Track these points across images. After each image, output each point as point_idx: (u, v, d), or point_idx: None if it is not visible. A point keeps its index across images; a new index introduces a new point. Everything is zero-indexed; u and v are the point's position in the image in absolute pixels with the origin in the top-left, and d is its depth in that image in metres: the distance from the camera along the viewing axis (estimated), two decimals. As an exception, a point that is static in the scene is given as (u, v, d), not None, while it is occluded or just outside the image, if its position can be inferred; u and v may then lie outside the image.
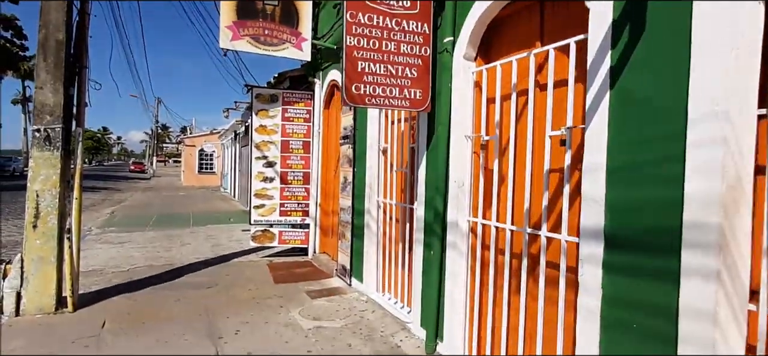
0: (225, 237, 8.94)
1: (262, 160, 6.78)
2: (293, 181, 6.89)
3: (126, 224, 10.54)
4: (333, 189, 6.44)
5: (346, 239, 5.50)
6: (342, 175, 5.69)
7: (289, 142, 6.86)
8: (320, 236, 6.85)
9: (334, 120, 6.57)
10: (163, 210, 14.05)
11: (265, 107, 6.77)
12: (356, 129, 5.31)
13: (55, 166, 4.34)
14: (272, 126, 6.79)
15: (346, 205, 5.51)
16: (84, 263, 6.37)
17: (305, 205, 6.92)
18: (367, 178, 4.98)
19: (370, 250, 4.90)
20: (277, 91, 6.86)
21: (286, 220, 6.87)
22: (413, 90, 3.46)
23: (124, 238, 8.56)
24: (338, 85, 6.10)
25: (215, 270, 6.16)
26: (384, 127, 4.81)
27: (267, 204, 6.78)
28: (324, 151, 6.81)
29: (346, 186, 5.55)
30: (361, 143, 5.19)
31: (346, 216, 5.50)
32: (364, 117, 5.08)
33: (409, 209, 4.20)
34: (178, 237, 8.86)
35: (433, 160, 3.60)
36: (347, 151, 5.52)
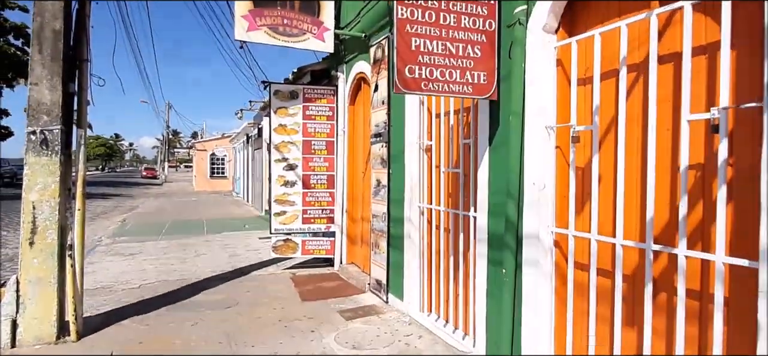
0: (242, 246, 8.39)
1: (283, 163, 6.20)
2: (316, 185, 6.29)
3: (138, 233, 10.07)
4: (361, 193, 5.83)
5: (380, 250, 4.89)
6: (374, 178, 5.09)
7: (312, 143, 6.28)
8: (347, 245, 6.25)
9: (361, 117, 5.96)
10: (176, 216, 13.60)
11: (284, 105, 6.20)
12: (391, 125, 4.70)
13: (54, 173, 3.79)
14: (292, 125, 6.21)
15: (380, 212, 4.90)
16: (92, 279, 5.86)
17: (330, 212, 6.32)
18: (406, 180, 4.36)
19: (412, 263, 4.28)
20: (297, 86, 6.28)
21: (309, 228, 6.28)
22: (476, 73, 2.83)
23: (135, 249, 8.06)
24: (366, 77, 5.49)
25: (234, 285, 5.59)
26: (427, 121, 4.19)
27: (288, 211, 6.19)
28: (350, 151, 6.21)
29: (379, 191, 4.94)
30: (397, 141, 4.58)
31: (380, 224, 4.89)
32: (400, 110, 4.47)
33: (463, 217, 3.57)
34: (192, 246, 8.33)
35: (500, 158, 2.97)
36: (380, 150, 4.90)
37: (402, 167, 4.45)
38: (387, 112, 4.74)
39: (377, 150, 4.99)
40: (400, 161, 4.48)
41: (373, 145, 5.08)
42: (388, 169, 4.73)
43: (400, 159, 4.48)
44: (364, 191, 5.72)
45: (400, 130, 4.48)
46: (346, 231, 6.24)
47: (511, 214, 2.75)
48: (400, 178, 4.48)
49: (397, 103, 4.56)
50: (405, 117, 4.38)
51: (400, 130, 4.47)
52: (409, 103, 4.32)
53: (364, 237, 5.76)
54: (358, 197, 5.97)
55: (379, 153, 4.93)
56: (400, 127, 4.47)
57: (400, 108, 4.48)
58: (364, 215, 5.71)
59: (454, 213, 3.72)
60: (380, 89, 4.89)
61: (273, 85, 6.19)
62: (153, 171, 52.86)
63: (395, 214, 4.61)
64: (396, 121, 4.60)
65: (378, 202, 4.96)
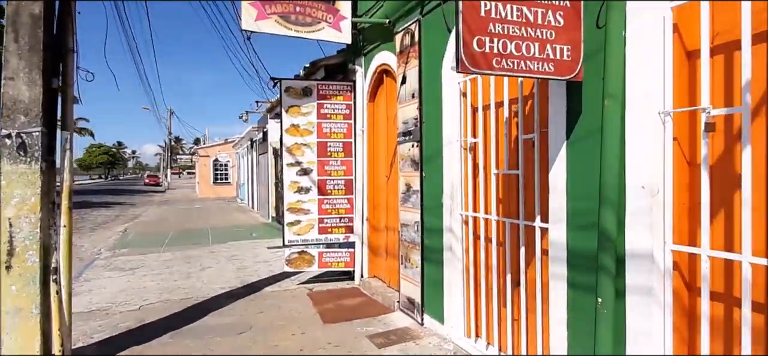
0: (250, 257, 7.79)
1: (296, 167, 5.60)
2: (333, 191, 5.69)
3: (139, 244, 9.49)
4: (385, 199, 5.23)
5: (412, 264, 4.28)
6: (402, 182, 4.48)
7: (327, 144, 5.68)
8: (369, 257, 5.64)
9: (382, 114, 5.36)
10: (180, 225, 13.02)
11: (296, 103, 5.61)
12: (423, 121, 4.09)
13: (34, 183, 3.20)
14: (306, 125, 5.62)
15: (411, 221, 4.29)
16: (87, 300, 5.27)
17: (349, 220, 5.72)
18: (445, 185, 3.75)
19: (454, 281, 3.67)
20: (311, 82, 5.69)
21: (326, 239, 5.67)
22: (558, 47, 2.22)
23: (136, 262, 7.47)
24: (390, 69, 4.89)
25: (245, 304, 4.98)
26: (471, 114, 3.59)
27: (303, 219, 5.59)
28: (370, 153, 5.60)
29: (409, 197, 4.34)
30: (431, 140, 3.97)
31: (412, 235, 4.28)
32: (435, 104, 3.86)
33: (525, 228, 2.95)
34: (197, 258, 7.74)
35: (585, 155, 2.36)
36: (410, 151, 4.30)
37: (438, 169, 3.84)
38: (418, 107, 4.13)
39: (406, 150, 4.38)
40: (436, 162, 3.87)
41: (401, 144, 4.48)
42: (421, 172, 4.12)
43: (436, 160, 3.87)
44: (389, 197, 5.11)
45: (435, 126, 3.88)
46: (367, 242, 5.63)
47: (607, 227, 2.13)
48: (437, 181, 3.87)
49: (431, 95, 3.96)
50: (442, 111, 3.77)
51: (436, 126, 3.86)
52: (447, 95, 3.72)
53: (389, 249, 5.15)
54: (381, 204, 5.36)
55: (409, 154, 4.33)
56: (436, 124, 3.87)
57: (435, 101, 3.88)
58: (389, 224, 5.10)
59: (510, 224, 3.11)
60: (409, 81, 4.29)
61: (284, 81, 5.60)
62: (156, 178, 52.41)
63: (430, 224, 4.00)
64: (430, 117, 3.99)
65: (408, 210, 4.35)
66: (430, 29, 3.96)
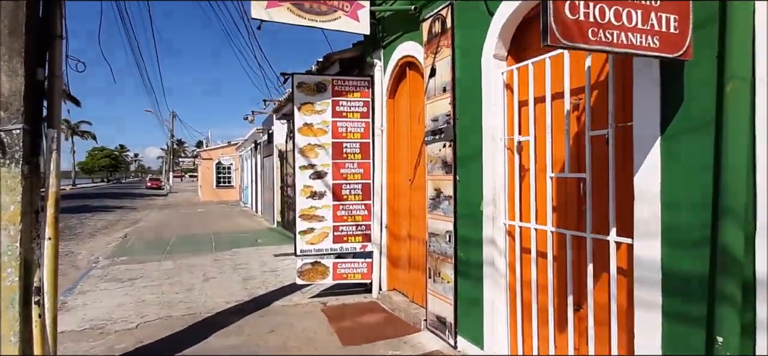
0: (256, 266, 7.32)
1: (309, 170, 5.14)
2: (349, 197, 5.23)
3: (139, 251, 9.03)
4: (408, 205, 4.76)
5: (443, 278, 3.81)
6: (430, 187, 4.01)
7: (343, 145, 5.22)
8: (389, 268, 5.16)
9: (404, 112, 4.90)
10: (182, 230, 12.57)
11: (309, 100, 5.15)
12: (457, 118, 3.63)
13: (14, 189, 2.74)
14: (320, 124, 5.16)
15: (442, 230, 3.82)
16: (80, 316, 4.81)
17: (366, 228, 5.25)
18: (486, 189, 3.28)
19: (496, 300, 3.20)
20: (326, 77, 5.23)
21: (341, 248, 5.20)
22: (663, 16, 1.76)
23: (135, 272, 7.01)
24: (415, 61, 4.43)
25: (254, 322, 4.52)
26: (516, 108, 3.12)
27: (317, 227, 5.12)
28: (390, 154, 5.14)
29: (439, 203, 3.87)
30: (468, 139, 3.51)
31: (443, 246, 3.81)
32: (474, 97, 3.40)
33: (594, 242, 2.48)
34: (200, 267, 7.28)
35: (691, 153, 1.89)
36: (440, 151, 3.83)
37: (477, 172, 3.38)
38: (451, 102, 3.67)
39: (435, 151, 3.92)
40: (474, 164, 3.41)
41: (429, 145, 4.01)
42: (454, 176, 3.65)
43: (474, 162, 3.41)
44: (413, 203, 4.65)
45: (473, 123, 3.42)
46: (386, 251, 5.15)
47: (730, 244, 1.66)
48: (474, 186, 3.40)
49: (467, 88, 3.49)
50: (482, 106, 3.31)
51: (474, 123, 3.40)
52: (488, 87, 3.25)
53: (412, 260, 4.68)
54: (403, 210, 4.89)
55: (439, 155, 3.86)
56: (474, 120, 3.40)
57: (472, 95, 3.41)
58: (413, 233, 4.63)
59: (572, 237, 2.64)
60: (439, 73, 3.84)
61: (296, 75, 5.15)
62: (158, 181, 52.03)
63: (466, 234, 3.53)
64: (466, 113, 3.53)
65: (438, 218, 3.88)
66: (465, 13, 3.51)
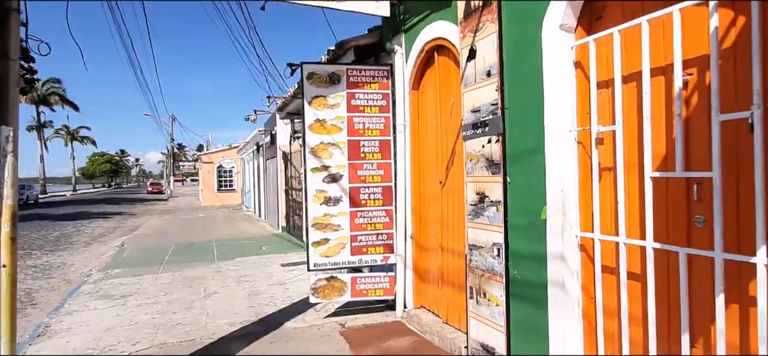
0: (262, 278, 6.69)
1: (322, 173, 4.51)
2: (369, 202, 4.60)
3: (135, 262, 8.41)
4: (439, 211, 4.12)
5: (490, 300, 3.17)
6: (470, 190, 3.38)
7: (360, 144, 4.59)
8: (415, 283, 4.53)
9: (430, 104, 4.27)
10: (181, 237, 11.95)
11: (321, 93, 4.52)
12: (506, 107, 2.99)
13: (-46, 205, 2.12)
14: (334, 120, 4.53)
15: (487, 241, 3.19)
16: (63, 343, 4.19)
17: (387, 237, 4.62)
18: (550, 193, 2.65)
19: (569, 330, 2.56)
20: (340, 67, 4.60)
21: (360, 260, 4.57)
22: None
23: (129, 287, 6.39)
24: (447, 44, 3.80)
25: (263, 349, 3.89)
26: (593, 90, 2.48)
27: (332, 238, 4.49)
28: (415, 153, 4.51)
29: (482, 209, 3.23)
30: (522, 130, 2.87)
31: (488, 261, 3.18)
32: (529, 80, 2.77)
33: (726, 263, 1.84)
34: (200, 281, 6.65)
35: None
36: (484, 148, 3.20)
37: (536, 172, 2.75)
38: (498, 88, 3.03)
39: (477, 148, 3.28)
40: (533, 162, 2.78)
41: (469, 141, 3.38)
42: (504, 176, 3.02)
43: (533, 159, 2.77)
44: (446, 209, 4.01)
45: (530, 112, 2.78)
46: (411, 264, 4.52)
47: None
48: (534, 189, 2.77)
49: (521, 70, 2.86)
50: (543, 89, 2.67)
51: (531, 112, 2.76)
52: (551, 67, 2.62)
53: (445, 275, 4.05)
54: (432, 217, 4.26)
55: (482, 152, 3.23)
56: (531, 108, 2.77)
57: (528, 77, 2.78)
58: (446, 243, 4.00)
59: (687, 256, 2.00)
60: (482, 54, 3.20)
61: (306, 65, 4.52)
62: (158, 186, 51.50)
63: (522, 247, 2.89)
64: (519, 99, 2.89)
65: (481, 227, 3.25)
66: (518, -22, 2.88)
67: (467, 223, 3.44)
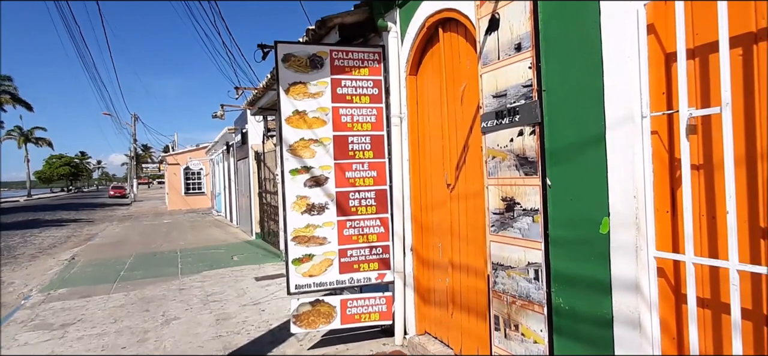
0: (234, 297, 5.85)
1: (303, 175, 3.75)
2: (360, 209, 3.87)
3: (85, 279, 7.37)
4: (448, 219, 3.43)
5: (524, 334, 2.51)
6: (493, 195, 2.71)
7: (348, 140, 3.85)
8: (417, 305, 3.83)
9: (433, 90, 3.58)
10: (142, 247, 10.86)
11: (300, 78, 3.76)
12: (544, 88, 2.34)
13: None
14: (316, 112, 3.78)
15: (520, 260, 2.53)
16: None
17: (383, 250, 3.90)
18: (614, 199, 2.00)
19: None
20: (322, 47, 3.85)
21: (351, 279, 3.84)
22: None
23: (73, 312, 5.43)
24: (454, 14, 3.10)
25: (233, 400, 3.11)
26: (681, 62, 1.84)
27: (316, 253, 3.74)
28: (414, 150, 3.81)
29: (512, 219, 2.57)
30: (567, 118, 2.22)
31: (522, 285, 2.52)
32: (576, 48, 2.11)
33: None
34: (159, 302, 5.75)
35: None
36: (513, 141, 2.54)
37: (590, 172, 2.10)
38: (533, 64, 2.37)
39: (501, 142, 2.62)
40: (585, 160, 2.13)
41: (490, 133, 2.71)
42: (542, 178, 2.36)
43: (586, 156, 2.12)
44: (456, 218, 3.33)
45: (584, 93, 2.13)
46: (412, 282, 3.83)
47: None
48: (588, 193, 2.12)
49: (566, 37, 2.20)
50: (602, 63, 2.02)
51: (586, 93, 2.11)
52: (613, 30, 1.97)
53: (456, 296, 3.37)
54: (438, 226, 3.57)
55: (510, 147, 2.56)
56: (585, 88, 2.11)
57: (581, 46, 2.12)
58: (457, 258, 3.32)
59: None
60: (508, 23, 2.53)
61: (282, 45, 3.74)
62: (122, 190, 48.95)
63: (568, 269, 2.24)
64: (564, 77, 2.24)
65: (511, 241, 2.58)
66: None
67: (489, 236, 2.76)
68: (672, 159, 1.94)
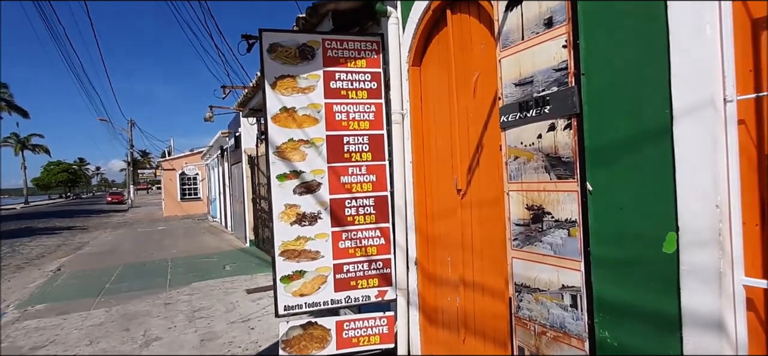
0: (222, 314, 5.39)
1: (292, 181, 3.29)
2: (358, 218, 3.41)
3: (66, 293, 6.91)
4: (458, 230, 2.97)
5: (557, 373, 2.05)
6: (516, 202, 2.26)
7: (343, 140, 3.40)
8: (423, 325, 3.37)
9: (439, 82, 3.13)
10: (133, 257, 10.39)
11: (288, 71, 3.31)
12: (584, 71, 1.88)
13: None
14: (307, 109, 3.33)
15: (553, 282, 2.07)
16: None
17: (383, 264, 3.44)
18: (685, 210, 1.55)
19: None
20: (313, 36, 3.40)
21: (348, 298, 3.38)
22: None
23: (46, 333, 4.97)
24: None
25: None
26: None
27: (308, 270, 3.28)
28: (417, 151, 3.36)
29: (540, 233, 2.11)
30: (614, 108, 1.77)
31: (554, 313, 2.06)
32: (637, 19, 1.67)
33: None
34: (141, 320, 5.28)
35: None
36: (542, 138, 2.09)
37: (648, 174, 1.65)
38: (569, 42, 1.92)
39: (526, 139, 2.16)
40: (641, 159, 1.68)
41: (512, 129, 2.25)
42: (581, 182, 1.91)
43: (642, 154, 1.68)
44: (468, 228, 2.87)
45: (640, 76, 1.68)
46: (418, 300, 3.37)
47: None
48: (645, 201, 1.67)
49: (618, 4, 1.75)
50: (668, 35, 1.57)
51: (643, 75, 1.66)
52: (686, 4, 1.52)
53: (469, 320, 2.91)
54: (447, 238, 3.11)
55: (537, 145, 2.11)
56: (642, 69, 1.66)
57: (635, 16, 1.68)
58: (470, 275, 2.86)
59: None
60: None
61: (267, 34, 3.28)
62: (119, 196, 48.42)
63: (616, 296, 1.79)
64: (608, 58, 1.79)
65: (538, 258, 2.13)
66: None
67: (511, 252, 2.31)
68: (762, 156, 1.49)
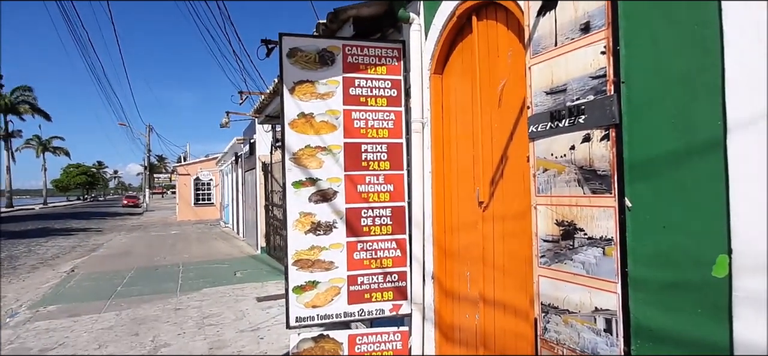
0: (231, 320, 5.31)
1: (308, 188, 3.21)
2: (374, 229, 3.31)
3: (79, 295, 6.92)
4: (479, 245, 2.85)
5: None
6: (544, 217, 2.13)
7: (361, 148, 3.31)
8: (439, 342, 3.23)
9: (463, 91, 3.03)
10: (145, 260, 10.43)
11: (307, 76, 3.25)
12: (623, 79, 1.77)
13: None
14: (325, 115, 3.26)
15: (584, 304, 1.93)
16: None
17: (399, 277, 3.33)
18: (740, 231, 1.41)
19: None
20: (333, 42, 3.34)
21: (361, 311, 3.27)
22: None
23: (56, 335, 4.94)
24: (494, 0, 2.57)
25: None
26: None
27: (322, 280, 3.18)
28: (437, 161, 3.26)
29: (571, 250, 1.98)
30: (657, 119, 1.65)
31: (586, 337, 1.92)
32: (684, 24, 1.55)
33: None
34: (151, 324, 5.23)
35: None
36: (572, 150, 1.97)
37: (697, 191, 1.52)
38: (609, 48, 1.81)
39: (557, 151, 2.05)
40: (688, 174, 1.55)
41: (542, 140, 2.14)
42: (619, 198, 1.78)
43: (690, 169, 1.55)
44: (490, 243, 2.75)
45: (688, 85, 1.56)
46: (434, 316, 3.23)
47: None
48: (693, 220, 1.54)
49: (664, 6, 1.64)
50: (723, 40, 1.45)
51: (691, 84, 1.54)
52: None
53: (489, 339, 2.77)
54: (467, 252, 2.99)
55: (570, 157, 1.99)
56: (690, 78, 1.54)
57: (683, 19, 1.56)
58: (491, 293, 2.73)
59: None
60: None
61: (287, 38, 3.24)
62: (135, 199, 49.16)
63: (657, 322, 1.65)
64: (652, 65, 1.67)
65: (568, 278, 2.00)
66: None
67: (538, 269, 2.18)
68: (829, 174, 1.35)
